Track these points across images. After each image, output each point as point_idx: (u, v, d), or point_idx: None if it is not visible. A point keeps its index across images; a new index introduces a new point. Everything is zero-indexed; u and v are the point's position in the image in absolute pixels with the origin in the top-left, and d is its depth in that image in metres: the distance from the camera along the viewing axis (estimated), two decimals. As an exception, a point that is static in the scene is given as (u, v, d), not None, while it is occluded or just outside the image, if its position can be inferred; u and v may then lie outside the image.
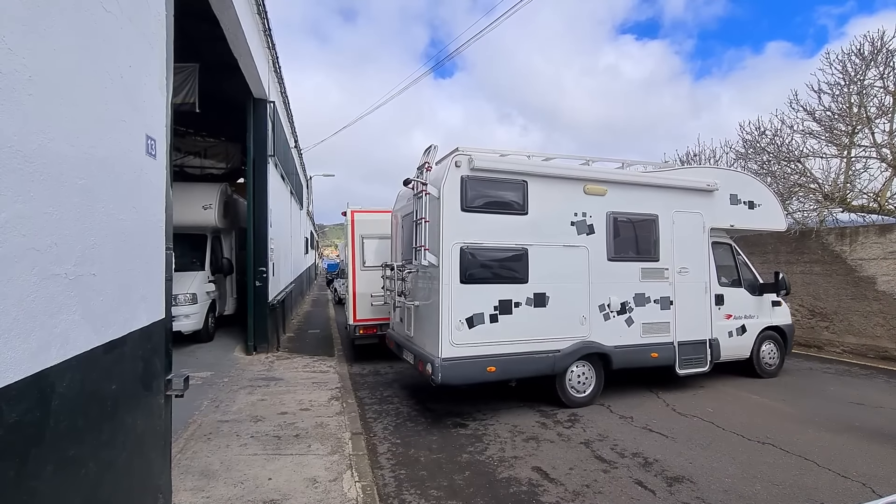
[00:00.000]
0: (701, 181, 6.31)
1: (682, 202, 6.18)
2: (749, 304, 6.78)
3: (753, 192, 6.76)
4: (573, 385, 5.47)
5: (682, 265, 6.08)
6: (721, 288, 6.50)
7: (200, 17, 5.90)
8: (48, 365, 1.57)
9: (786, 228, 7.22)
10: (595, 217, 5.60)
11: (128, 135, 2.16)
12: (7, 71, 1.36)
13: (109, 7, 1.94)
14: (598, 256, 5.57)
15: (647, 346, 5.78)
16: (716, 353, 6.25)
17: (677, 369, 5.94)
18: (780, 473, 3.86)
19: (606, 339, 5.55)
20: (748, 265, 6.99)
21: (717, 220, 6.44)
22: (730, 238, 6.92)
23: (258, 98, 8.52)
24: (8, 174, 1.37)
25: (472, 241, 4.94)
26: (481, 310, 4.93)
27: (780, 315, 7.10)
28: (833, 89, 9.47)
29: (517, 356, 5.05)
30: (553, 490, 3.59)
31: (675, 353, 5.94)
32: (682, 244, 6.11)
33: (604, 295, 5.57)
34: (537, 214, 5.27)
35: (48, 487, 1.61)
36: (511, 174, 5.20)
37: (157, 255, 2.59)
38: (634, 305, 5.75)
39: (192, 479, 3.54)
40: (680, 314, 6.01)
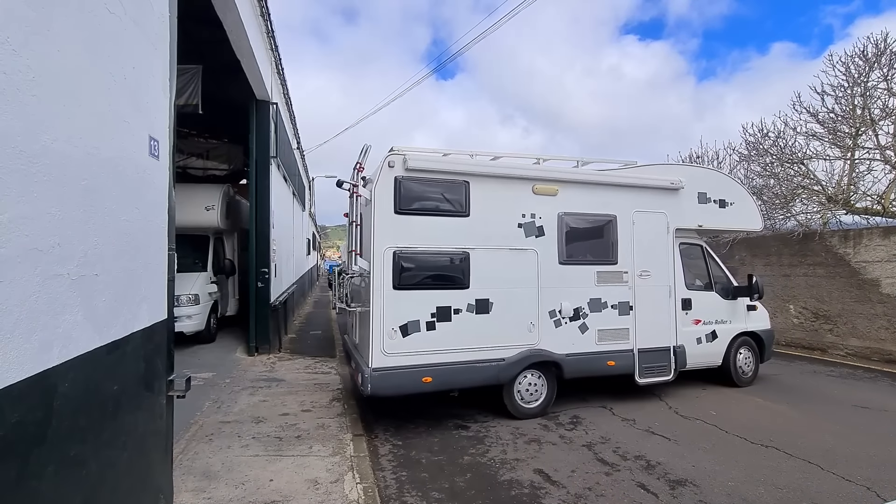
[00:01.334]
0: (664, 179, 5.94)
1: (644, 202, 5.84)
2: (721, 308, 6.42)
3: (724, 189, 6.39)
4: (522, 395, 5.16)
5: (644, 268, 5.74)
6: (689, 292, 6.15)
7: (204, 19, 5.92)
8: (50, 365, 1.57)
9: (761, 228, 6.90)
10: (545, 218, 5.30)
11: (131, 136, 2.16)
12: (11, 71, 1.36)
13: (113, 8, 1.95)
14: (548, 260, 5.26)
15: (603, 354, 5.46)
16: (681, 360, 5.89)
17: (637, 378, 5.61)
18: (783, 477, 3.84)
19: (557, 346, 5.24)
20: (721, 267, 6.65)
21: (683, 220, 6.08)
22: (701, 239, 6.62)
23: (261, 100, 8.55)
24: (11, 174, 1.37)
25: (406, 244, 4.68)
26: (417, 317, 4.67)
27: (757, 320, 6.74)
28: (836, 91, 9.45)
29: (456, 366, 4.77)
30: (555, 492, 3.57)
31: (635, 361, 5.60)
32: (644, 246, 5.77)
33: (555, 300, 5.26)
34: (480, 216, 4.99)
35: (49, 488, 1.61)
36: (451, 174, 4.93)
37: (160, 256, 2.59)
38: (589, 311, 5.43)
39: (194, 479, 3.54)
40: (641, 320, 5.66)
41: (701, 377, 7.20)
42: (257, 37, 7.27)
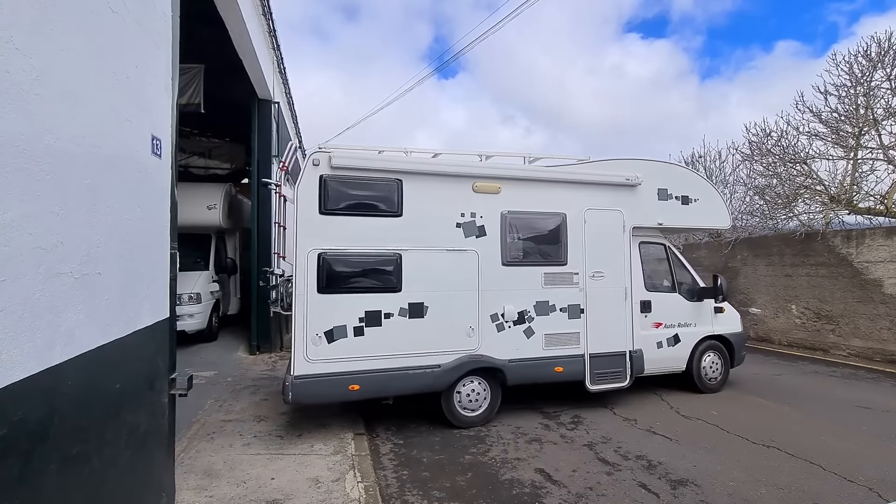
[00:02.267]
0: (618, 175, 5.62)
1: (596, 199, 5.53)
2: (684, 310, 6.06)
3: (688, 185, 6.04)
4: (463, 403, 4.91)
5: (597, 269, 5.44)
6: (649, 293, 5.85)
7: (206, 18, 5.93)
8: (53, 363, 1.57)
9: (729, 225, 6.55)
10: (487, 218, 5.02)
11: (133, 135, 2.17)
12: (14, 70, 1.37)
13: (116, 7, 1.95)
14: (489, 261, 5.00)
15: (550, 360, 5.17)
16: (638, 366, 5.56)
17: (588, 385, 5.31)
18: (785, 477, 3.83)
19: (499, 352, 4.98)
20: (686, 267, 6.27)
21: (641, 217, 5.75)
22: (665, 237, 6.32)
23: (263, 99, 8.56)
24: (15, 173, 1.38)
25: (332, 246, 4.46)
26: (343, 322, 4.45)
27: (725, 322, 6.34)
28: (839, 91, 9.41)
29: (387, 373, 4.55)
30: (556, 492, 3.58)
31: (586, 367, 5.31)
32: (597, 246, 5.47)
33: (497, 303, 5.00)
34: (414, 216, 4.75)
35: (52, 485, 1.62)
36: (382, 172, 4.70)
37: (162, 255, 2.60)
38: (535, 315, 5.15)
39: (196, 478, 3.55)
40: (593, 323, 5.37)
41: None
42: (259, 36, 7.28)
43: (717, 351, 6.26)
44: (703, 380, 6.11)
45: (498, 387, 5.06)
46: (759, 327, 10.72)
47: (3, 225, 1.33)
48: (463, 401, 4.92)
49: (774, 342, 10.30)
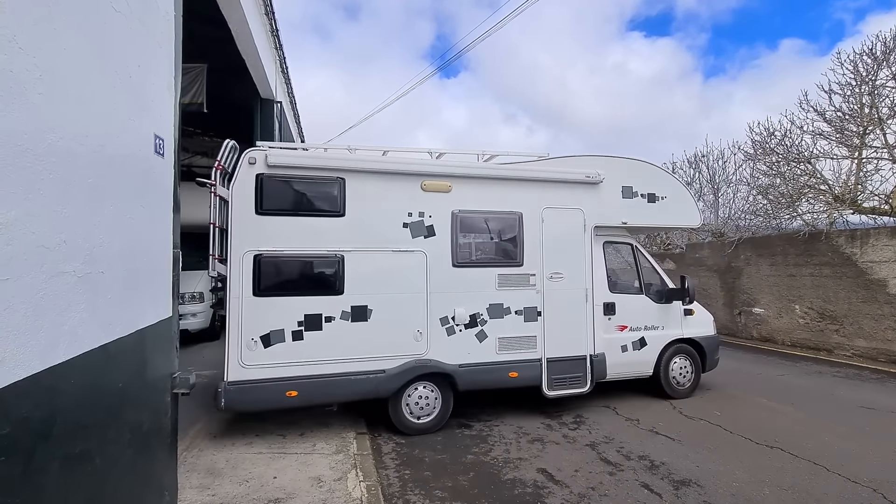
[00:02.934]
0: (578, 172, 5.36)
1: (555, 197, 5.29)
2: (651, 313, 5.82)
3: (655, 182, 5.77)
4: (412, 409, 4.71)
5: (555, 270, 5.22)
6: (614, 295, 5.62)
7: (209, 18, 5.94)
8: (56, 362, 1.58)
9: (699, 224, 6.23)
10: (436, 217, 4.82)
11: (136, 134, 2.17)
12: (18, 69, 1.37)
13: (119, 7, 1.95)
14: (439, 262, 4.80)
15: (504, 365, 4.95)
16: (599, 370, 5.34)
17: (545, 390, 5.09)
18: (788, 478, 3.81)
19: (449, 356, 4.77)
20: (655, 268, 6.01)
21: (604, 216, 5.50)
22: (632, 237, 6.05)
23: (265, 98, 8.58)
24: (18, 172, 1.38)
25: (269, 247, 4.29)
26: (281, 326, 4.27)
27: (696, 325, 6.08)
28: (844, 90, 9.36)
29: (327, 378, 4.36)
30: (558, 492, 3.57)
31: (543, 372, 5.09)
32: (555, 246, 5.25)
33: (447, 306, 4.80)
34: (358, 216, 4.57)
35: (55, 483, 1.62)
36: (323, 171, 4.53)
37: (165, 254, 2.60)
38: (489, 317, 4.94)
39: (198, 476, 3.56)
40: (551, 327, 5.15)
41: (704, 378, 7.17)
42: (262, 36, 7.29)
43: (687, 355, 6.00)
44: (671, 385, 5.87)
45: (450, 393, 4.84)
46: (763, 327, 10.68)
47: (5, 224, 1.34)
48: (412, 407, 4.72)
49: (778, 342, 10.26)
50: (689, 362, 6.01)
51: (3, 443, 1.35)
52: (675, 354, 5.92)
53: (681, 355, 5.97)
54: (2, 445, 1.35)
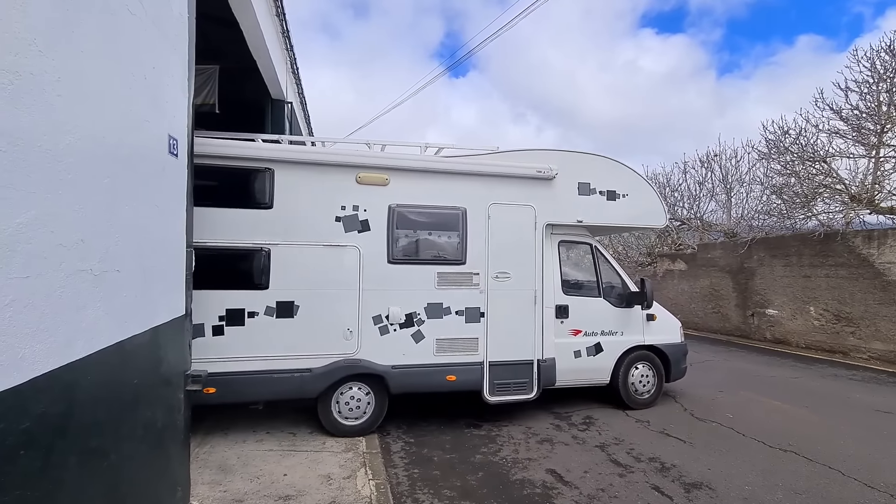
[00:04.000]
0: (529, 167, 5.04)
1: (503, 192, 4.99)
2: (609, 317, 5.47)
3: (615, 179, 5.42)
4: (342, 411, 4.50)
5: (501, 269, 4.93)
6: (568, 297, 5.31)
7: (220, 20, 6.00)
8: (74, 358, 1.61)
9: (664, 224, 5.80)
10: (372, 211, 4.60)
11: (151, 134, 2.21)
12: (38, 72, 1.40)
13: (134, 9, 1.99)
14: (374, 258, 4.58)
15: (442, 367, 4.71)
16: (548, 376, 5.04)
17: (486, 395, 4.82)
18: (803, 482, 3.76)
19: (382, 357, 4.55)
20: (616, 269, 5.66)
21: (557, 214, 5.18)
22: (592, 237, 5.72)
23: (276, 99, 8.64)
24: (37, 172, 1.41)
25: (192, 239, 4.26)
26: (200, 320, 4.07)
27: (660, 332, 5.68)
28: (861, 87, 9.18)
29: (248, 376, 4.19)
30: (567, 493, 3.55)
31: (485, 376, 4.81)
32: (502, 244, 4.96)
33: (381, 304, 4.58)
34: (288, 208, 4.38)
35: (72, 478, 1.66)
36: (251, 161, 4.36)
37: (179, 253, 2.64)
38: (426, 317, 4.69)
39: (210, 472, 3.61)
40: (494, 329, 4.87)
41: (716, 380, 7.09)
42: (273, 37, 7.35)
43: (649, 363, 5.61)
44: (629, 394, 5.49)
45: (384, 395, 4.62)
46: (776, 329, 10.52)
47: (26, 223, 1.37)
48: (342, 408, 4.51)
49: (792, 344, 10.10)
50: (650, 371, 5.61)
51: (23, 437, 1.38)
52: (635, 362, 5.54)
53: (642, 363, 5.58)
54: (22, 440, 1.38)
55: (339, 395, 4.51)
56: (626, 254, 17.40)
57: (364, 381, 4.59)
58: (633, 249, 17.22)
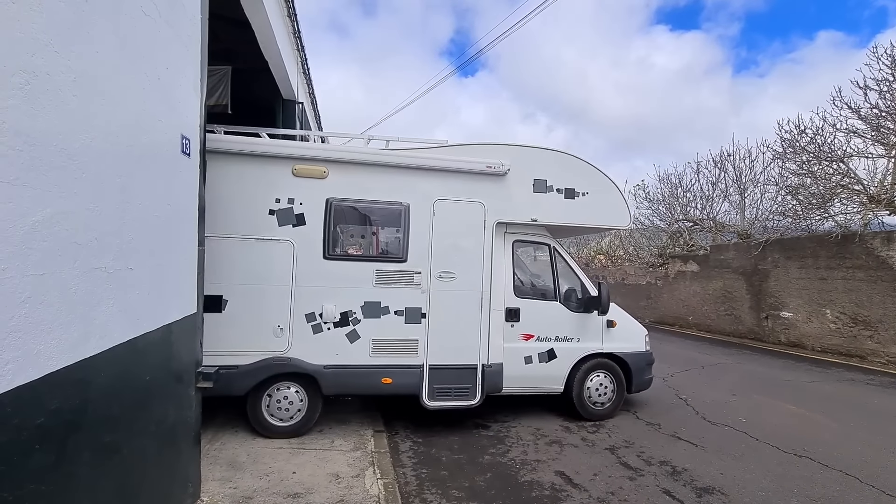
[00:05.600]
0: (478, 162, 4.77)
1: (450, 188, 4.73)
2: (565, 322, 5.12)
3: (575, 177, 5.09)
4: (272, 411, 4.35)
5: (446, 269, 4.68)
6: (519, 300, 5.00)
7: (233, 21, 6.06)
8: (88, 355, 1.63)
9: (628, 225, 5.51)
10: (308, 205, 4.41)
11: (164, 134, 2.23)
12: (54, 72, 1.41)
13: (148, 10, 2.01)
14: (308, 253, 4.39)
15: (377, 369, 4.51)
16: (493, 382, 4.76)
17: (425, 400, 4.58)
18: (818, 489, 3.68)
19: (314, 356, 4.36)
20: (575, 272, 5.29)
21: (509, 212, 4.89)
22: (550, 237, 5.35)
23: (287, 99, 8.70)
24: (53, 171, 1.43)
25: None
26: None
27: (621, 339, 5.30)
28: (881, 85, 8.98)
29: None
30: (577, 495, 3.52)
31: (424, 380, 4.58)
32: (448, 242, 4.70)
33: (315, 302, 4.40)
34: (217, 200, 4.20)
35: (85, 472, 1.68)
36: None
37: (190, 251, 2.66)
38: (363, 317, 4.49)
39: (220, 469, 3.64)
40: (436, 331, 4.63)
41: (729, 383, 6.98)
42: (284, 38, 7.40)
43: (608, 372, 5.25)
44: (584, 404, 5.13)
45: (318, 395, 4.44)
46: (791, 332, 10.34)
47: (42, 221, 1.39)
48: (273, 408, 4.37)
49: (807, 348, 9.92)
50: (609, 380, 5.25)
51: (38, 433, 1.40)
52: (592, 370, 5.19)
53: (600, 372, 5.23)
54: (37, 435, 1.40)
55: (270, 395, 4.38)
56: (637, 254, 17.25)
57: (295, 380, 4.43)
58: (644, 250, 17.06)
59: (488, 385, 4.75)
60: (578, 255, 24.22)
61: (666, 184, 16.00)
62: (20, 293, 1.30)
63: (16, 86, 1.27)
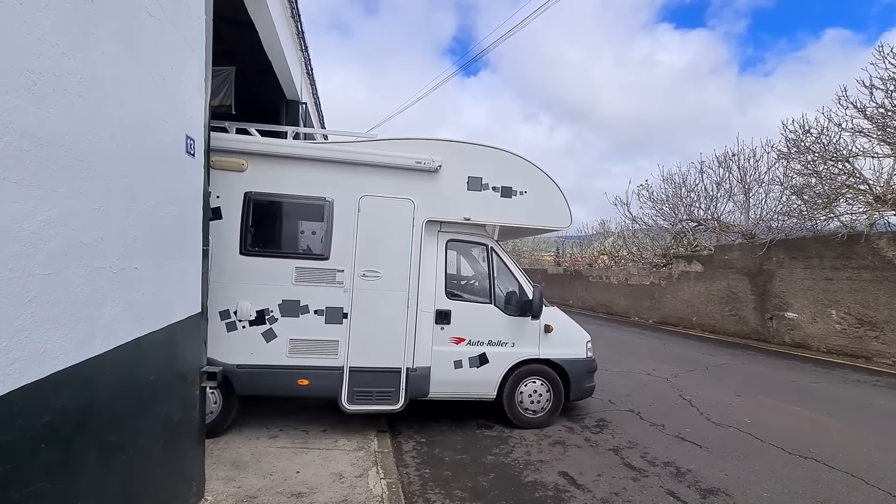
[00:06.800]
0: (407, 157, 4.60)
1: (378, 184, 4.57)
2: (499, 326, 4.89)
3: (513, 175, 4.89)
4: None
5: (371, 267, 4.51)
6: (451, 302, 4.80)
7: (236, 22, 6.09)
8: (93, 354, 1.64)
9: (568, 226, 5.24)
10: (225, 198, 4.29)
11: (169, 134, 2.24)
12: (60, 73, 1.42)
13: (153, 11, 2.02)
14: (223, 249, 4.25)
15: (294, 370, 4.35)
16: (418, 386, 4.57)
17: (344, 403, 4.40)
18: (823, 490, 3.66)
19: (226, 355, 4.23)
20: (513, 274, 5.04)
21: (440, 210, 4.72)
22: (488, 237, 5.14)
23: (291, 100, 8.72)
24: (60, 171, 1.44)
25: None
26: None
27: (560, 345, 5.03)
28: (887, 84, 8.92)
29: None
30: (580, 496, 3.51)
31: (343, 382, 4.40)
32: (373, 240, 4.53)
33: (229, 299, 4.27)
34: None
35: (90, 471, 1.68)
36: None
37: (195, 251, 2.67)
38: (280, 315, 4.34)
39: (224, 468, 3.65)
40: (358, 332, 4.46)
41: (733, 384, 6.95)
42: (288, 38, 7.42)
43: (544, 379, 5.00)
44: (515, 411, 4.91)
45: (234, 395, 4.32)
46: (796, 333, 10.28)
47: (49, 221, 1.39)
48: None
49: (812, 349, 9.86)
50: (546, 387, 5.00)
51: (44, 431, 1.41)
52: (526, 376, 4.95)
53: (536, 378, 4.98)
54: (43, 434, 1.41)
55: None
56: (641, 254, 17.19)
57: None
58: (647, 250, 17.01)
59: (413, 389, 4.56)
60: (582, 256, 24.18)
61: (670, 184, 15.95)
62: (27, 292, 1.31)
63: (23, 86, 1.28)
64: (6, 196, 1.24)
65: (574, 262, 24.41)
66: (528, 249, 30.28)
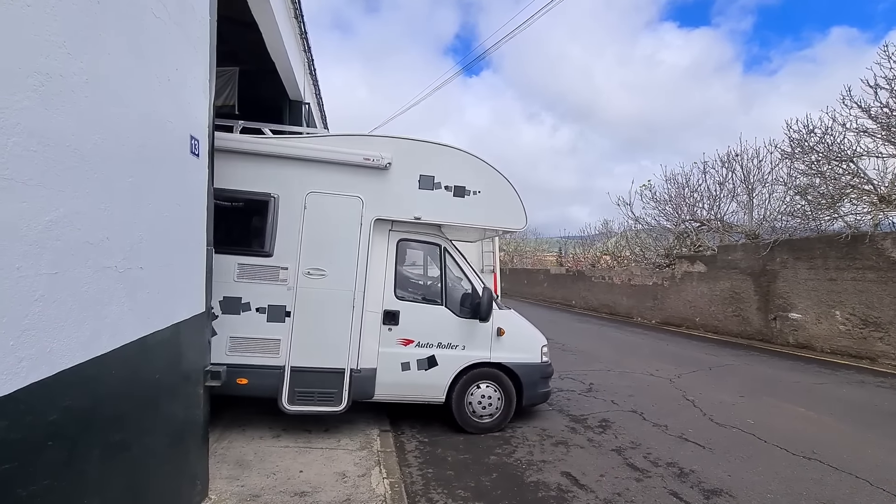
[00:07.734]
0: (355, 153, 4.50)
1: (325, 180, 4.49)
2: (449, 328, 4.76)
3: (467, 174, 4.79)
4: None
5: (316, 265, 4.42)
6: (400, 302, 4.69)
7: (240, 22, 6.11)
8: (99, 353, 1.65)
9: (523, 227, 5.12)
10: None
11: (173, 135, 2.25)
12: (67, 74, 1.43)
13: (158, 13, 2.03)
14: None
15: (232, 368, 4.19)
16: (363, 388, 4.46)
17: (285, 404, 4.29)
18: (827, 491, 3.64)
19: None
20: (466, 276, 4.92)
21: (390, 208, 4.62)
22: (442, 236, 4.99)
23: (294, 100, 8.75)
24: (66, 171, 1.45)
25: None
26: None
27: (513, 348, 4.88)
28: (891, 84, 8.87)
29: None
30: (583, 497, 3.51)
31: (284, 382, 4.30)
32: (319, 237, 4.45)
33: None
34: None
35: (95, 469, 1.70)
36: None
37: (199, 251, 2.68)
38: (220, 312, 4.26)
39: (228, 467, 3.66)
40: (301, 331, 4.36)
41: (737, 385, 6.93)
42: (291, 39, 7.44)
43: (496, 383, 4.84)
44: (464, 415, 4.74)
45: None
46: (800, 333, 10.24)
47: (55, 220, 1.40)
48: None
49: (816, 349, 9.81)
50: (497, 392, 4.84)
51: (50, 429, 1.42)
52: (476, 380, 4.81)
53: (486, 382, 4.82)
54: (49, 432, 1.42)
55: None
56: (644, 255, 17.15)
57: None
58: (650, 251, 16.96)
59: (357, 391, 4.46)
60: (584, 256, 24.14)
61: (673, 184, 15.91)
62: (34, 292, 1.32)
63: (31, 87, 1.29)
64: (14, 196, 1.25)
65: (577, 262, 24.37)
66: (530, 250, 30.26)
